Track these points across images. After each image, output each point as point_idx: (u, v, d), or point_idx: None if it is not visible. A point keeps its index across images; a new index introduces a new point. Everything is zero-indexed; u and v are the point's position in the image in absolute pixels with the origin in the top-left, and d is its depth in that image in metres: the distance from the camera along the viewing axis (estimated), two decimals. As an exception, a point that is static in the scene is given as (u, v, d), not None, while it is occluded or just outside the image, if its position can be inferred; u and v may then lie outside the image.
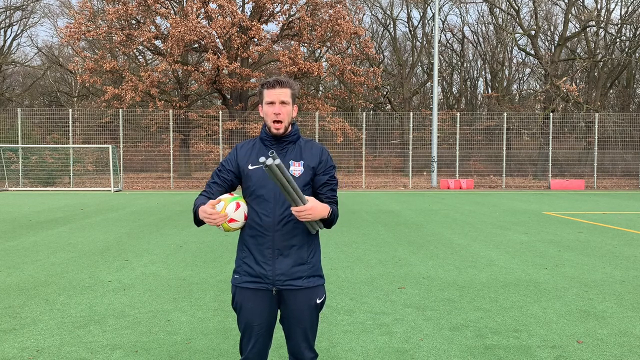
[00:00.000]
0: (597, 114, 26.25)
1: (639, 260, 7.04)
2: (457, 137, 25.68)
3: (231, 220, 2.37)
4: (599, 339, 4.03)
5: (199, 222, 2.44)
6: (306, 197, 2.33)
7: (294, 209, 2.29)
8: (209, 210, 2.29)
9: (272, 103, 2.43)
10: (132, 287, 5.53)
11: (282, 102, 2.42)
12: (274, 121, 2.43)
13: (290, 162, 2.47)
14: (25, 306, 4.84)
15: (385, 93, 39.39)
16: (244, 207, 2.43)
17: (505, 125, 25.53)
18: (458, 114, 27.09)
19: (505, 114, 26.19)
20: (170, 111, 25.17)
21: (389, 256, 7.25)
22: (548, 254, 7.48)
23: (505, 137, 25.60)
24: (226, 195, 2.45)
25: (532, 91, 39.38)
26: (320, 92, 37.97)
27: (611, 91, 39.11)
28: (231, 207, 2.38)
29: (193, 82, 31.09)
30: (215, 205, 2.35)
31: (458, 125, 25.80)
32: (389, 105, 39.85)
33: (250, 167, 2.48)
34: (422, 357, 3.67)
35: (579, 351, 3.78)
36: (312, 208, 2.29)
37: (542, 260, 6.98)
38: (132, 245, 8.12)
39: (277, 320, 2.58)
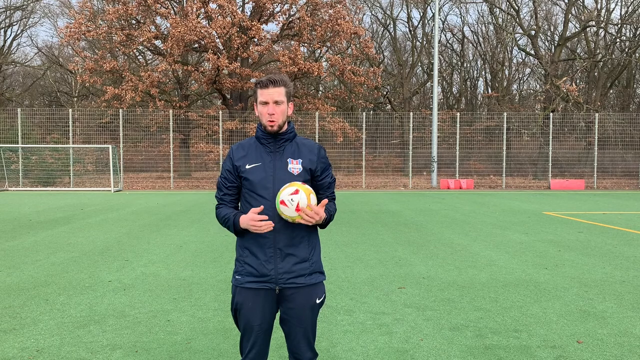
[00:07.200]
0: (597, 114, 26.23)
1: (639, 260, 7.04)
2: (457, 137, 25.67)
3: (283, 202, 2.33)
4: (599, 339, 4.03)
5: (239, 231, 2.48)
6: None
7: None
8: (256, 217, 2.33)
9: (265, 103, 2.43)
10: (132, 287, 5.53)
11: (276, 102, 2.42)
12: (269, 120, 2.44)
13: (288, 160, 2.47)
14: (25, 306, 4.84)
15: (385, 93, 39.39)
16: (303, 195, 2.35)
17: (505, 125, 25.52)
18: (458, 114, 27.08)
19: (505, 114, 26.19)
20: (170, 111, 25.16)
21: (389, 256, 7.25)
22: (548, 254, 7.48)
23: (505, 137, 25.59)
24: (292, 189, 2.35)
25: (532, 91, 39.44)
26: (320, 92, 37.97)
27: (611, 91, 39.11)
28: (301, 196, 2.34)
29: (193, 82, 31.10)
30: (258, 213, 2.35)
31: (458, 125, 25.79)
32: (389, 105, 39.86)
33: (247, 167, 2.48)
34: (422, 357, 3.67)
35: (579, 351, 3.78)
36: (319, 215, 2.35)
37: (542, 260, 6.98)
38: (132, 245, 8.12)
39: (278, 321, 2.59)
